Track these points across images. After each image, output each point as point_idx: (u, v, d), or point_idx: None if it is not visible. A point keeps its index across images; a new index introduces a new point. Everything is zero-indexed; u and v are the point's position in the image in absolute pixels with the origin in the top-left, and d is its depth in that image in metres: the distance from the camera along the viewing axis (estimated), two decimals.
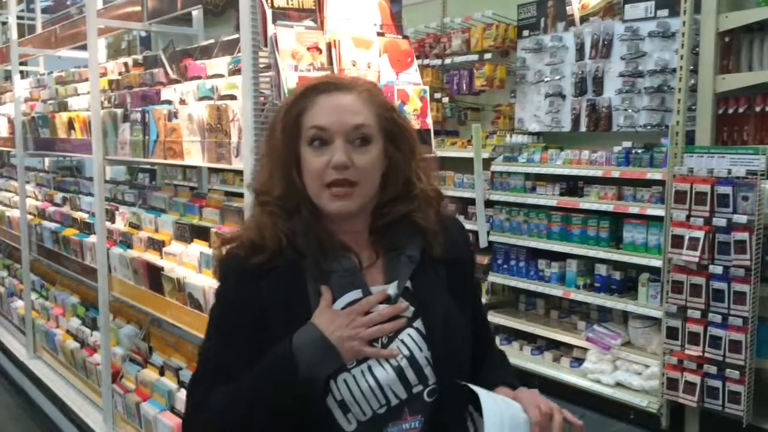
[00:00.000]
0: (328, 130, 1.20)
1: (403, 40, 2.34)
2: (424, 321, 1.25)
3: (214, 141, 2.35)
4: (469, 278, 1.40)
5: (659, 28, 4.23)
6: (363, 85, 1.27)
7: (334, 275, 1.22)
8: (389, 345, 1.21)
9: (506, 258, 4.94)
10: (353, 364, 1.19)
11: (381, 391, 1.19)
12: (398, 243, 1.27)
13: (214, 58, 2.78)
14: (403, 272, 1.25)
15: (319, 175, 1.20)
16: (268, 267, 1.21)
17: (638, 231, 4.16)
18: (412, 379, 1.21)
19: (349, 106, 1.22)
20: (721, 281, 3.59)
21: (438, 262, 1.29)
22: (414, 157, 1.29)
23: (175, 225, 2.83)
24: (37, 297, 4.64)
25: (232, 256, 1.27)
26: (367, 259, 1.27)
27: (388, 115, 1.26)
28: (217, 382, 1.22)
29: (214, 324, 1.30)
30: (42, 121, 4.14)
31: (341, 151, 1.19)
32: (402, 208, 1.27)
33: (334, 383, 1.18)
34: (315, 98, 1.23)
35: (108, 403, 3.33)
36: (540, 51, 4.93)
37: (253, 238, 1.24)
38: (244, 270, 1.23)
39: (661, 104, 4.27)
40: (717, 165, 3.63)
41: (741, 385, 3.56)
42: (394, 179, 1.27)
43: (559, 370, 4.52)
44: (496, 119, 5.37)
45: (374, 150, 1.23)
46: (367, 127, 1.22)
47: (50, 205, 4.37)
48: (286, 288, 1.22)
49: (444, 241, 1.30)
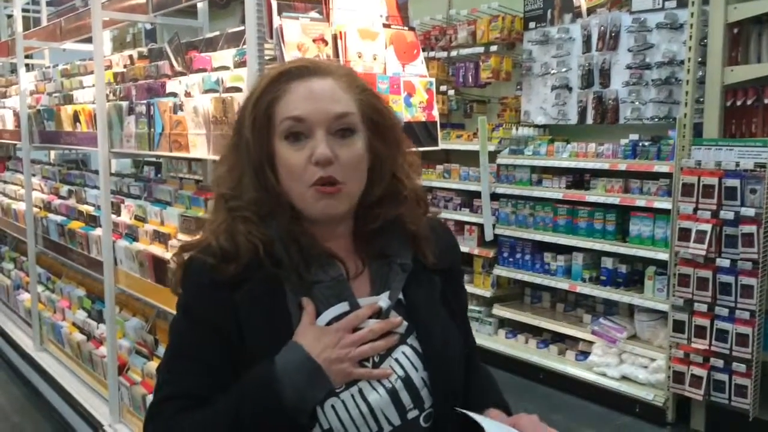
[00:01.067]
0: (305, 121, 1.05)
1: (409, 32, 2.33)
2: (419, 337, 1.11)
3: (220, 134, 2.34)
4: (459, 287, 1.27)
5: (667, 19, 4.20)
6: (340, 69, 1.12)
7: (317, 286, 1.07)
8: (381, 365, 1.07)
9: (512, 251, 4.93)
10: (342, 388, 1.04)
11: (373, 417, 1.05)
12: (387, 249, 1.13)
13: (219, 50, 2.77)
14: (394, 282, 1.11)
15: (300, 174, 1.05)
16: (242, 278, 1.05)
17: (645, 224, 4.14)
18: (407, 403, 1.07)
19: (328, 93, 1.06)
20: (728, 274, 3.57)
21: (431, 271, 1.15)
22: (400, 151, 1.15)
23: (180, 218, 2.82)
24: (44, 290, 4.65)
25: (198, 262, 1.08)
26: (352, 268, 1.11)
27: (371, 102, 1.11)
28: (182, 408, 1.05)
29: (177, 340, 1.12)
30: (47, 114, 4.14)
31: (323, 144, 1.04)
32: (392, 209, 1.12)
33: (320, 410, 1.03)
34: (287, 85, 1.07)
35: (114, 395, 3.34)
36: (546, 43, 4.90)
37: (223, 245, 1.07)
38: (213, 280, 1.05)
39: (668, 96, 4.24)
40: (725, 157, 3.60)
41: (748, 379, 3.55)
42: (379, 176, 1.11)
43: (565, 364, 4.52)
44: (502, 112, 5.35)
45: (359, 142, 1.08)
46: (350, 116, 1.07)
47: (56, 197, 4.37)
48: (263, 301, 1.06)
49: (436, 247, 1.16)
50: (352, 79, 1.11)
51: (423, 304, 1.13)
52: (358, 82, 1.12)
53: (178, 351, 1.11)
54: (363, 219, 1.13)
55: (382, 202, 1.12)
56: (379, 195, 1.12)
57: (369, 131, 1.10)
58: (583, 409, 4.23)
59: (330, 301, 1.08)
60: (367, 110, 1.10)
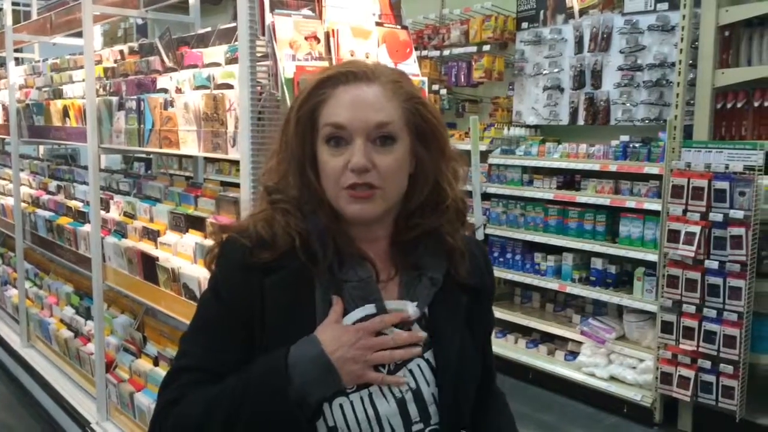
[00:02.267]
0: (346, 128, 1.05)
1: (401, 31, 2.32)
2: (436, 354, 1.11)
3: (210, 130, 2.33)
4: (487, 312, 1.26)
5: (659, 21, 4.21)
6: (388, 75, 1.11)
7: (347, 285, 1.08)
8: (395, 373, 1.08)
9: (502, 251, 4.94)
10: (353, 389, 1.05)
11: (378, 424, 1.06)
12: (421, 262, 1.13)
13: (210, 46, 2.76)
14: (422, 295, 1.11)
15: (336, 178, 1.06)
16: (275, 265, 1.07)
17: (635, 225, 4.16)
18: (413, 416, 1.08)
19: (370, 101, 1.06)
20: (716, 276, 3.59)
21: (460, 289, 1.15)
22: (444, 159, 1.13)
23: (170, 215, 2.81)
24: (31, 286, 4.61)
25: (234, 244, 1.10)
26: (384, 273, 1.12)
27: (417, 109, 1.10)
28: (196, 380, 1.08)
29: (203, 314, 1.14)
30: (36, 108, 4.10)
31: (360, 153, 1.04)
32: (434, 220, 1.12)
33: (328, 406, 1.04)
34: (332, 90, 1.08)
35: (102, 392, 3.31)
36: (539, 43, 4.91)
37: (260, 232, 1.09)
38: (246, 263, 1.08)
39: (659, 98, 4.26)
40: (714, 160, 3.62)
41: (735, 380, 3.57)
42: (421, 184, 1.11)
43: (554, 364, 4.53)
44: (494, 112, 5.36)
45: (400, 150, 1.08)
46: (391, 125, 1.07)
47: (44, 193, 4.34)
48: (293, 291, 1.08)
49: (470, 265, 1.16)
50: (399, 86, 1.11)
51: (445, 322, 1.13)
52: (406, 89, 1.11)
53: (202, 325, 1.14)
54: (404, 227, 1.13)
55: (424, 211, 1.13)
56: (421, 202, 1.12)
57: (413, 138, 1.10)
58: (571, 409, 4.24)
59: (357, 301, 1.08)
60: (411, 116, 1.10)
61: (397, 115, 1.08)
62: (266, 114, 2.08)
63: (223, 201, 2.52)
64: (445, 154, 1.14)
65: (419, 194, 1.12)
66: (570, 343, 4.58)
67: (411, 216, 1.13)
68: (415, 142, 1.10)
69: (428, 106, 1.13)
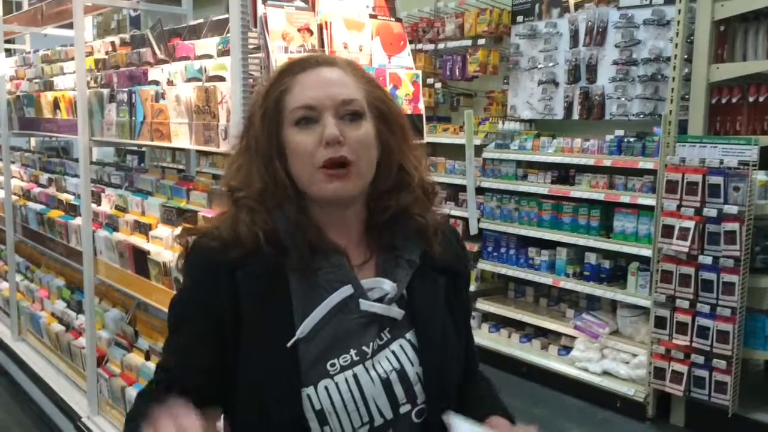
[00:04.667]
0: (315, 108, 1.07)
1: (396, 23, 2.30)
2: (417, 333, 1.13)
3: (202, 123, 2.31)
4: (464, 294, 1.27)
5: (654, 15, 4.20)
6: (345, 61, 1.16)
7: (321, 272, 1.09)
8: (378, 355, 1.09)
9: (496, 245, 4.93)
10: (337, 370, 1.06)
11: (365, 405, 1.06)
12: (396, 243, 1.15)
13: (202, 38, 2.73)
14: (401, 276, 1.12)
15: (310, 156, 1.07)
16: (244, 262, 1.08)
17: (629, 220, 4.15)
18: (399, 396, 1.09)
19: (334, 79, 1.10)
20: (710, 271, 3.59)
21: (437, 271, 1.17)
22: (407, 143, 1.17)
23: (162, 208, 2.78)
24: (22, 279, 4.59)
25: (200, 246, 1.12)
26: (360, 257, 1.14)
27: (377, 93, 1.14)
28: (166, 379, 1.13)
29: (173, 319, 1.16)
30: (27, 100, 4.07)
31: (332, 125, 1.06)
32: (404, 198, 1.14)
33: (314, 389, 1.05)
34: (295, 77, 1.11)
35: (93, 387, 3.30)
36: (534, 37, 4.89)
37: (224, 235, 1.10)
38: (215, 261, 1.09)
39: (654, 93, 4.25)
40: (709, 155, 3.62)
41: (728, 375, 3.57)
42: (388, 166, 1.13)
43: (547, 358, 4.53)
44: (488, 106, 5.34)
45: (367, 125, 1.10)
46: (357, 101, 1.09)
47: (35, 186, 4.30)
48: (266, 280, 1.08)
49: (443, 249, 1.18)
50: (358, 70, 1.15)
51: (425, 301, 1.15)
52: (363, 73, 1.16)
53: (174, 330, 1.16)
54: (376, 209, 1.15)
55: (392, 193, 1.14)
56: (389, 186, 1.14)
57: (376, 120, 1.12)
58: (564, 403, 4.25)
59: (333, 285, 1.09)
60: (373, 100, 1.12)
61: (360, 95, 1.11)
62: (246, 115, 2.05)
63: (215, 194, 2.50)
64: (407, 139, 1.17)
65: (386, 177, 1.14)
66: (563, 337, 4.58)
67: (380, 199, 1.14)
68: (379, 125, 1.12)
69: (386, 93, 1.18)
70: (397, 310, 1.11)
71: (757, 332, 3.62)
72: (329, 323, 1.08)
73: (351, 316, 1.09)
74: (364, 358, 1.08)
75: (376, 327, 1.10)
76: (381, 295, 1.11)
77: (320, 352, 1.07)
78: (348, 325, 1.09)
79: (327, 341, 1.07)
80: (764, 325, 3.61)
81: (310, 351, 1.06)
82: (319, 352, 1.07)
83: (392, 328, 1.12)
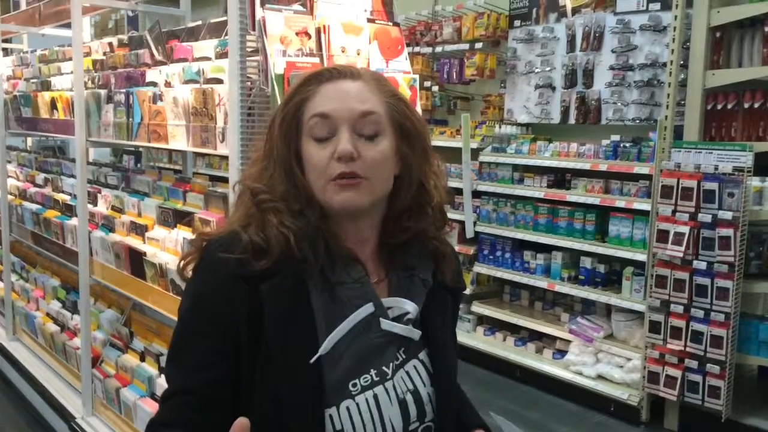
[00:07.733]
0: (331, 118, 1.05)
1: (393, 27, 2.31)
2: (430, 354, 1.13)
3: (199, 125, 2.31)
4: (457, 308, 1.29)
5: (651, 21, 4.22)
6: (371, 74, 1.13)
7: (340, 287, 1.06)
8: (396, 375, 1.09)
9: (492, 249, 4.94)
10: (358, 390, 1.05)
11: (381, 425, 1.06)
12: (411, 263, 1.13)
13: (201, 40, 2.73)
14: (416, 296, 1.11)
15: (322, 169, 1.05)
16: (271, 272, 1.03)
17: (624, 225, 4.17)
18: (413, 416, 1.09)
19: (355, 93, 1.07)
20: (704, 277, 3.61)
21: (445, 290, 1.18)
22: (427, 160, 1.13)
23: (158, 209, 2.78)
24: (18, 279, 4.57)
25: (223, 256, 1.04)
26: (374, 274, 1.12)
27: (400, 107, 1.10)
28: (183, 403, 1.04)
29: (182, 333, 1.10)
30: (24, 100, 4.06)
31: (346, 140, 1.04)
32: (422, 222, 1.12)
33: (336, 410, 1.03)
34: (317, 87, 1.09)
35: (87, 387, 3.29)
36: (531, 41, 4.91)
37: (254, 238, 1.05)
38: (239, 274, 1.03)
39: (650, 98, 4.27)
40: (704, 161, 3.63)
41: (721, 380, 3.59)
42: (407, 184, 1.11)
43: (542, 362, 4.54)
44: (485, 109, 5.35)
45: (385, 144, 1.07)
46: (376, 115, 1.07)
47: (32, 185, 4.30)
48: (289, 297, 1.04)
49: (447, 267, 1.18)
50: (382, 83, 1.12)
51: (438, 323, 1.15)
52: (388, 87, 1.12)
53: (183, 345, 1.09)
54: (392, 230, 1.13)
55: (411, 213, 1.12)
56: (407, 204, 1.12)
57: (397, 136, 1.10)
58: (558, 407, 4.26)
59: (354, 302, 1.07)
60: (395, 114, 1.10)
61: (382, 109, 1.08)
62: (256, 109, 2.06)
63: (212, 196, 2.50)
64: (428, 156, 1.14)
65: (405, 195, 1.12)
66: (558, 341, 4.59)
67: (399, 218, 1.13)
68: (399, 142, 1.10)
69: (410, 105, 1.14)
70: (416, 331, 1.11)
71: (751, 337, 3.64)
72: (351, 342, 1.06)
73: (371, 335, 1.07)
74: (384, 379, 1.08)
75: (394, 347, 1.10)
76: (399, 314, 1.10)
77: (343, 372, 1.05)
78: (369, 345, 1.07)
79: (349, 360, 1.05)
80: (758, 331, 3.62)
81: (334, 370, 1.04)
82: (343, 372, 1.05)
83: (407, 348, 1.12)
